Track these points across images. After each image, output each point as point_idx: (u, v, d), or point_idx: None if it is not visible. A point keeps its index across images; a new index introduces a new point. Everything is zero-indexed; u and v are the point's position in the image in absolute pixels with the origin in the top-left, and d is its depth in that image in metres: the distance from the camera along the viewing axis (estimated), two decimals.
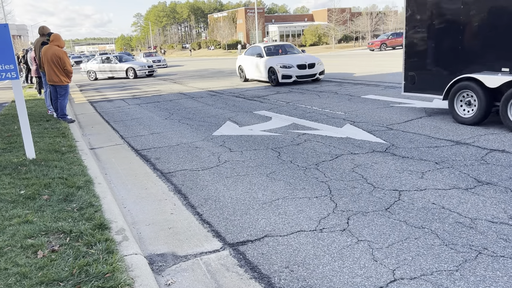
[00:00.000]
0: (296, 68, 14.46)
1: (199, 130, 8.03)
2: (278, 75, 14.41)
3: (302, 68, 14.58)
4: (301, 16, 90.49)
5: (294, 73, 14.44)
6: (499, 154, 5.25)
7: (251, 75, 16.55)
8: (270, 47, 16.24)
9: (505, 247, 3.05)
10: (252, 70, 16.34)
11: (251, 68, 16.36)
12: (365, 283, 2.75)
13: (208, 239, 3.52)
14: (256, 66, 15.84)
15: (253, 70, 16.15)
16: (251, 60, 16.37)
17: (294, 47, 16.95)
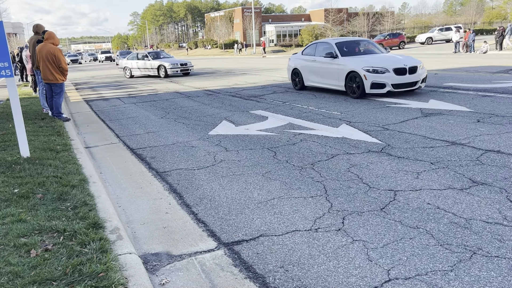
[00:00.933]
0: (392, 74, 10.11)
1: (195, 129, 8.00)
2: (365, 83, 10.23)
3: (400, 73, 10.22)
4: (298, 16, 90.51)
5: (389, 80, 10.09)
6: (494, 154, 5.26)
7: (313, 81, 12.38)
8: (345, 43, 11.93)
9: (499, 248, 3.06)
10: (315, 75, 12.16)
11: (314, 72, 12.20)
12: (359, 283, 2.74)
13: (203, 239, 3.50)
14: (325, 70, 11.74)
15: (318, 75, 12.05)
16: (315, 61, 12.18)
17: (375, 44, 12.63)
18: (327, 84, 11.78)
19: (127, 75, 23.87)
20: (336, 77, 11.32)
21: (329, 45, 11.87)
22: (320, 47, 12.29)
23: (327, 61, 11.56)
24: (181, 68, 22.31)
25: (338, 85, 11.29)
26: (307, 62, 12.55)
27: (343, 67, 10.95)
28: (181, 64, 22.38)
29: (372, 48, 12.13)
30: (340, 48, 11.55)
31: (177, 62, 22.43)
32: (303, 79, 12.79)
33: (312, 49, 12.70)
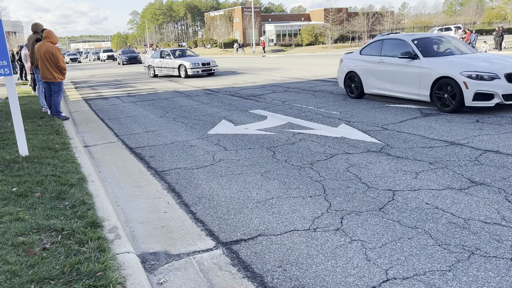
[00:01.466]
0: (503, 81, 7.60)
1: (194, 128, 8.00)
2: (465, 93, 7.70)
3: None
4: (298, 15, 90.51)
5: (500, 89, 7.56)
6: (493, 155, 5.27)
7: (378, 87, 9.82)
8: (425, 40, 9.29)
9: (497, 248, 3.06)
10: (382, 81, 9.61)
11: (381, 76, 9.64)
12: (358, 283, 2.74)
13: (201, 238, 3.50)
14: (398, 75, 9.11)
15: (387, 81, 9.48)
16: (382, 62, 9.64)
17: (461, 42, 10.06)
18: (400, 93, 9.14)
19: (151, 74, 22.36)
20: (416, 84, 8.69)
21: (404, 42, 9.26)
22: (389, 45, 9.73)
23: (402, 62, 8.95)
24: (202, 68, 20.16)
25: (418, 94, 8.69)
26: (369, 64, 9.99)
27: (428, 71, 8.39)
28: (203, 64, 20.22)
29: (458, 46, 9.38)
30: (420, 47, 8.96)
31: (199, 62, 20.28)
32: (363, 85, 10.22)
33: (375, 47, 10.11)
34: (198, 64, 20.07)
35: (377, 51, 10.02)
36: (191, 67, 19.85)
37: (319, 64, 25.59)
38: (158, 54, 22.17)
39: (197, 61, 20.36)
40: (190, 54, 22.31)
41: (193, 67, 19.90)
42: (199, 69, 20.08)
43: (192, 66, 19.88)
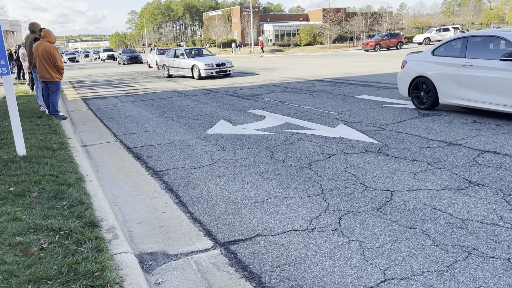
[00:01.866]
0: None
1: (192, 128, 7.99)
2: None
3: None
4: (296, 15, 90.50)
5: None
6: (490, 155, 5.28)
7: (462, 97, 7.77)
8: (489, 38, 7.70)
9: (495, 248, 3.07)
10: (470, 89, 7.56)
11: (468, 84, 7.60)
12: (355, 283, 2.74)
13: (199, 238, 3.50)
14: (497, 82, 7.10)
15: (478, 90, 7.41)
16: (470, 66, 7.57)
17: None
18: (499, 105, 7.13)
19: (165, 74, 21.02)
20: None
21: (500, 40, 7.48)
22: (478, 44, 7.84)
23: (503, 66, 7.01)
24: (217, 69, 18.45)
25: None
26: (447, 68, 8.05)
27: None
28: (218, 64, 18.48)
29: None
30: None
31: (213, 62, 18.53)
32: (438, 93, 8.26)
33: (455, 47, 8.23)
34: (212, 65, 18.38)
35: (459, 51, 8.06)
36: (205, 67, 18.20)
37: (318, 64, 25.60)
38: (173, 53, 20.72)
39: (211, 61, 18.72)
40: (206, 54, 20.61)
41: (207, 67, 18.24)
42: (213, 70, 18.34)
43: (205, 67, 18.22)
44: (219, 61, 18.99)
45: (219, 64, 18.77)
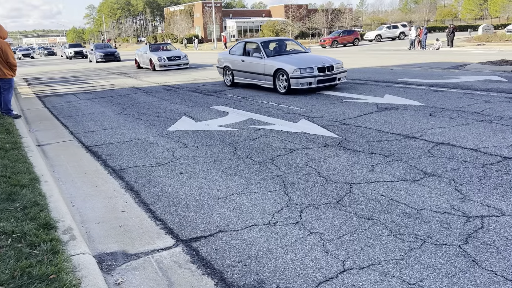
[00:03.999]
0: None
1: (154, 125, 7.86)
2: None
3: None
4: (259, 11, 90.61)
5: None
6: (444, 147, 5.50)
7: None
8: None
9: (447, 236, 3.21)
10: None
11: None
12: (316, 275, 2.80)
13: (161, 236, 3.45)
14: None
15: None
16: None
17: None
18: None
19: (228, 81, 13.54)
20: None
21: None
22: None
23: None
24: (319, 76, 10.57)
25: None
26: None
27: None
28: (321, 69, 10.70)
29: None
30: None
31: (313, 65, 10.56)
32: None
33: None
34: (312, 70, 10.56)
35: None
36: (299, 75, 10.49)
37: None
38: (240, 48, 13.00)
39: (308, 63, 10.77)
40: (293, 50, 12.76)
41: (303, 74, 10.51)
42: (313, 79, 10.54)
43: (300, 73, 10.49)
44: (322, 63, 10.85)
45: (323, 68, 10.72)
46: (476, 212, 3.56)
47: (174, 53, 21.56)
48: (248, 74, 12.35)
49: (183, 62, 21.32)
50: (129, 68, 24.28)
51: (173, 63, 20.97)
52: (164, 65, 20.64)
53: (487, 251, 2.96)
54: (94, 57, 33.01)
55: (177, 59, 21.09)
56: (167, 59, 20.73)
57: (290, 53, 12.32)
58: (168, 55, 21.08)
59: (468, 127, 6.43)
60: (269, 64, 11.37)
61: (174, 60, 21.00)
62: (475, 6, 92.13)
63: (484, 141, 5.66)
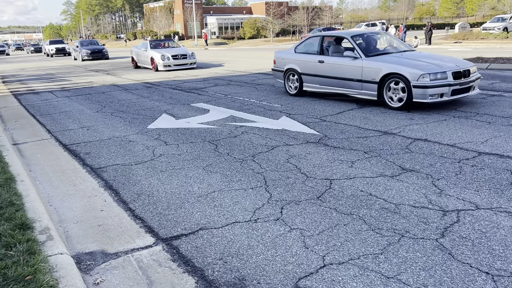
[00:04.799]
0: None
1: (133, 123, 7.76)
2: None
3: None
4: (240, 8, 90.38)
5: None
6: (422, 143, 5.60)
7: None
8: None
9: (424, 230, 3.27)
10: None
11: None
12: (296, 270, 2.82)
13: (140, 235, 3.42)
14: None
15: None
16: None
17: None
18: None
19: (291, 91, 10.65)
20: None
21: None
22: None
23: None
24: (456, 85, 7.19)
25: None
26: None
27: None
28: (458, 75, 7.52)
29: None
30: None
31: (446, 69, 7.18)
32: None
33: None
34: (445, 75, 7.43)
35: None
36: (428, 83, 7.34)
37: (262, 58, 25.78)
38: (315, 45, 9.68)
39: (437, 66, 7.66)
40: (394, 47, 9.23)
41: (433, 83, 7.35)
42: (447, 88, 7.42)
43: (430, 81, 7.33)
44: (456, 66, 7.74)
45: (459, 74, 7.60)
46: (452, 207, 3.64)
47: (179, 51, 18.65)
48: (330, 80, 9.06)
49: (190, 62, 18.50)
50: (111, 65, 23.88)
51: (179, 62, 18.16)
52: (169, 64, 17.86)
53: (462, 244, 3.03)
54: (79, 55, 29.65)
55: (183, 57, 18.30)
56: (171, 58, 17.91)
57: (395, 51, 8.94)
58: (172, 53, 18.19)
59: (445, 123, 6.56)
60: (371, 67, 8.10)
61: (180, 59, 18.18)
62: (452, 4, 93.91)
63: (460, 137, 5.78)
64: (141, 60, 19.91)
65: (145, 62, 19.32)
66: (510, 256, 2.85)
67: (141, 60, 19.90)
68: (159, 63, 17.95)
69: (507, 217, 3.40)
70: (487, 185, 4.07)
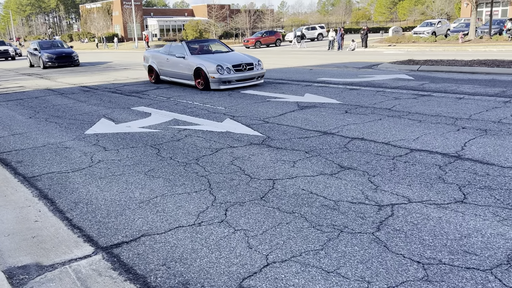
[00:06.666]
0: None
1: (70, 129, 7.43)
2: None
3: None
4: (181, 10, 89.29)
5: None
6: (358, 141, 5.86)
7: None
8: None
9: (362, 224, 3.43)
10: None
11: None
12: (240, 271, 2.84)
13: (79, 245, 3.29)
14: None
15: None
16: None
17: None
18: None
19: None
20: None
21: None
22: None
23: None
24: None
25: None
26: None
27: None
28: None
29: None
30: None
31: None
32: None
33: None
34: None
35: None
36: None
37: None
38: None
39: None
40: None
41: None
42: None
43: None
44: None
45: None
46: (387, 201, 3.84)
47: (240, 58, 12.06)
48: None
49: (258, 74, 11.99)
50: (40, 69, 22.57)
51: (244, 76, 11.62)
52: (229, 80, 11.36)
53: (396, 236, 3.21)
54: (40, 60, 23.04)
55: (250, 68, 11.75)
56: (233, 70, 11.42)
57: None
58: (232, 61, 11.67)
59: (380, 123, 6.91)
60: None
61: (246, 71, 11.65)
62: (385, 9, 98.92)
63: (394, 135, 6.11)
64: (171, 73, 13.02)
65: (181, 76, 12.53)
66: (439, 245, 3.07)
67: (171, 72, 13.02)
68: (212, 77, 11.27)
69: (436, 209, 3.65)
70: (418, 179, 4.34)
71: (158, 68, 13.56)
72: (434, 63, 14.93)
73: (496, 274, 2.68)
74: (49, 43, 25.41)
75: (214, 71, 11.27)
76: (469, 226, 3.31)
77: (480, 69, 12.93)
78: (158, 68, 13.57)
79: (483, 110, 7.47)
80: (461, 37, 28.48)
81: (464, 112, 7.42)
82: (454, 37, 30.82)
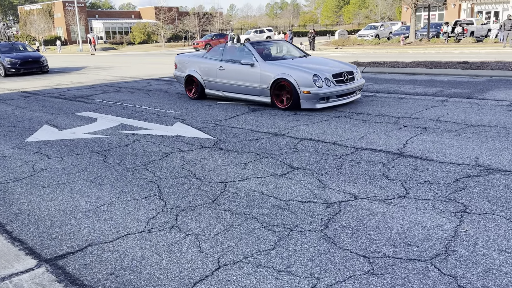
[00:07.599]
0: None
1: (9, 136, 7.02)
2: None
3: None
4: (128, 12, 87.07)
5: None
6: (307, 142, 6.00)
7: None
8: None
9: (311, 222, 3.51)
10: None
11: None
12: (191, 275, 2.82)
13: (20, 259, 3.12)
14: None
15: None
16: None
17: None
18: None
19: None
20: None
21: None
22: None
23: None
24: None
25: None
26: None
27: None
28: None
29: None
30: None
31: None
32: None
33: None
34: None
35: None
36: None
37: (153, 63, 25.19)
38: None
39: None
40: None
41: None
42: None
43: None
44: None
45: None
46: (334, 199, 3.97)
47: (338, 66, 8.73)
48: None
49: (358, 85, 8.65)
50: None
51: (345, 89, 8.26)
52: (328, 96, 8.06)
53: (343, 233, 3.32)
54: (0, 66, 19.52)
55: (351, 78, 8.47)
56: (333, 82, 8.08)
57: None
58: (332, 70, 8.37)
59: (328, 123, 7.11)
60: None
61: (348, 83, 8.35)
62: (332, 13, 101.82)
63: (340, 134, 6.31)
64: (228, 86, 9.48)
65: (247, 90, 9.09)
66: (383, 239, 3.21)
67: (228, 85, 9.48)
68: (306, 92, 7.96)
69: (380, 204, 3.82)
70: (364, 177, 4.51)
71: (204, 79, 9.89)
72: (377, 65, 15.57)
73: (435, 264, 2.85)
74: (8, 46, 21.24)
75: (308, 84, 7.83)
76: (410, 220, 3.48)
77: (419, 70, 13.66)
78: (203, 79, 9.91)
79: (423, 109, 7.90)
80: (402, 40, 29.94)
81: (406, 111, 7.80)
82: (396, 40, 32.34)
